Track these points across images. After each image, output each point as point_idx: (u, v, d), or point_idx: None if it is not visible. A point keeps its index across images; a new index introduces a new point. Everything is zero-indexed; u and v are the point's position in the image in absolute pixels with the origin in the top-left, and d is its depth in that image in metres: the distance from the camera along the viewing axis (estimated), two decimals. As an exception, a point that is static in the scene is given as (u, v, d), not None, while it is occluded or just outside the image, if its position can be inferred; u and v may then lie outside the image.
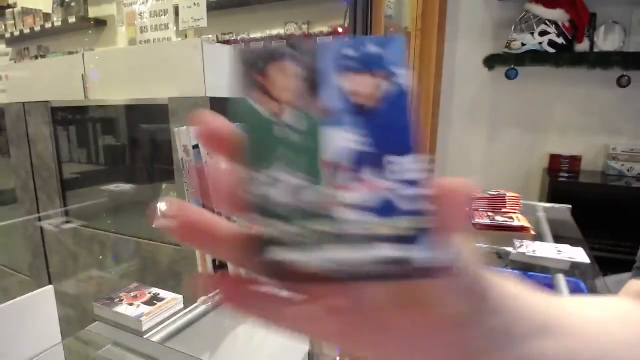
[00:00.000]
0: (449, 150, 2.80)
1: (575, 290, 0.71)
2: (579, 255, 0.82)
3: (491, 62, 2.42)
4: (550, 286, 0.74)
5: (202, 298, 0.68)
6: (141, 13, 1.51)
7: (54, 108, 1.43)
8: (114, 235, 1.39)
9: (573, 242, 0.89)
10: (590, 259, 0.80)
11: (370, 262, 0.16)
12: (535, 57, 2.26)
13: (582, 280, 0.73)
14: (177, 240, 0.19)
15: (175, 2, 1.43)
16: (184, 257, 1.22)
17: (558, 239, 0.95)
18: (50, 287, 0.53)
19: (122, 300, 0.65)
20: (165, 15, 1.47)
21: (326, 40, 0.19)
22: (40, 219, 1.54)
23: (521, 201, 1.19)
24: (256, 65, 0.17)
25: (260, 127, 0.17)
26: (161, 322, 0.61)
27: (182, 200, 0.20)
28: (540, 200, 2.25)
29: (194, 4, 1.35)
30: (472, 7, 2.58)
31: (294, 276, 0.16)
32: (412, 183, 0.16)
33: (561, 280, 0.73)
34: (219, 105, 1.07)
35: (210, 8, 1.74)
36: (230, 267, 0.70)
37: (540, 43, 2.24)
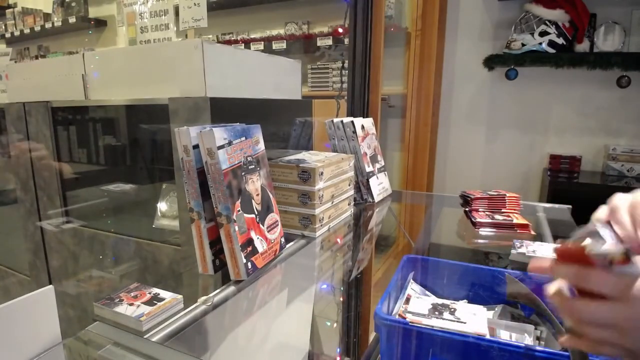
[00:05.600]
0: (448, 150, 2.80)
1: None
2: (579, 255, 0.82)
3: (491, 62, 2.42)
4: (550, 286, 0.74)
5: (202, 298, 0.68)
6: (141, 13, 1.51)
7: (54, 108, 1.43)
8: (114, 235, 1.39)
9: (573, 242, 0.88)
10: (590, 259, 0.80)
11: None
12: (535, 58, 2.26)
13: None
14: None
15: (175, 2, 1.43)
16: (184, 257, 1.22)
17: (558, 239, 0.95)
18: (50, 287, 0.53)
19: (122, 300, 0.65)
20: (165, 15, 1.47)
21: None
22: (40, 219, 1.54)
23: (521, 201, 1.19)
24: None
25: None
26: (161, 322, 0.61)
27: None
28: (540, 200, 2.25)
29: (194, 4, 1.35)
30: (472, 7, 2.58)
31: None
32: None
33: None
34: (219, 105, 1.07)
35: (211, 8, 1.75)
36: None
37: (540, 43, 2.24)
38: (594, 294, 0.36)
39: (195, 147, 0.73)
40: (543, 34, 2.23)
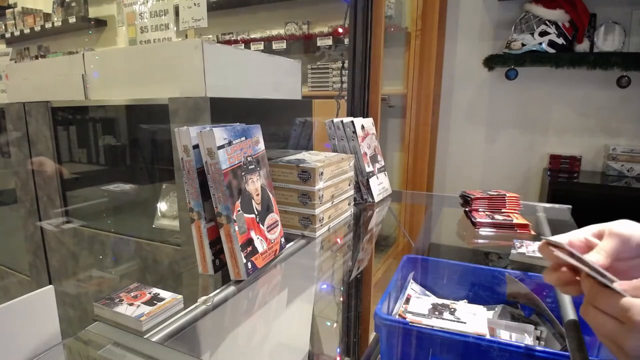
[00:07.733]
0: (448, 150, 2.80)
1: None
2: (579, 255, 0.82)
3: (491, 62, 2.42)
4: (550, 286, 0.74)
5: (202, 298, 0.68)
6: (141, 13, 1.51)
7: (54, 108, 1.43)
8: (114, 235, 1.39)
9: (573, 242, 0.88)
10: (590, 259, 0.80)
11: None
12: (535, 58, 2.26)
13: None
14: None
15: (175, 2, 1.43)
16: (184, 257, 1.22)
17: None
18: (50, 287, 0.53)
19: (122, 300, 0.65)
20: (165, 15, 1.47)
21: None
22: (40, 219, 1.54)
23: (521, 201, 1.19)
24: None
25: None
26: (161, 322, 0.61)
27: None
28: (540, 200, 2.25)
29: (194, 4, 1.35)
30: (472, 7, 2.58)
31: None
32: None
33: (561, 280, 0.73)
34: (219, 105, 1.07)
35: (210, 8, 1.75)
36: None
37: (540, 43, 2.24)
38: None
39: (195, 147, 0.73)
40: (543, 34, 2.23)
